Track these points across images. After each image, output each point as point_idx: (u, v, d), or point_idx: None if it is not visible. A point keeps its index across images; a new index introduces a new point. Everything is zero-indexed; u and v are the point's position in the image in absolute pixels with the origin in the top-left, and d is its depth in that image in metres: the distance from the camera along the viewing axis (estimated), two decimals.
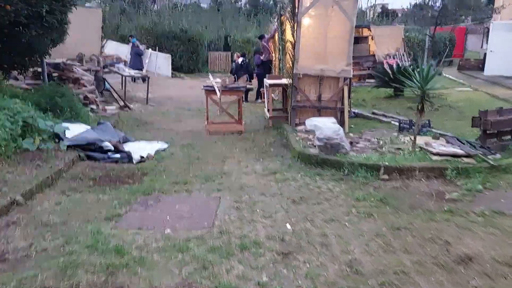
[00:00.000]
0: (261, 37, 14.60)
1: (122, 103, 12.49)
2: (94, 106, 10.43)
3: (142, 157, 6.99)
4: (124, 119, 10.66)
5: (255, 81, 15.00)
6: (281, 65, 12.13)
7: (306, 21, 8.99)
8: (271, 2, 40.86)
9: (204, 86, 9.28)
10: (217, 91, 8.82)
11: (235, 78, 15.88)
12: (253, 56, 17.20)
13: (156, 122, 10.73)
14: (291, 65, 9.29)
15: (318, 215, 4.70)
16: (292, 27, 9.17)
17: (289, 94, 10.05)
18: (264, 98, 14.35)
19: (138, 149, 7.57)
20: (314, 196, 5.29)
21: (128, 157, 6.83)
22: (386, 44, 17.94)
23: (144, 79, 13.72)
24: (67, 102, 8.13)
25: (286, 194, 5.34)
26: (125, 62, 19.95)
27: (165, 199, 5.16)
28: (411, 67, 13.75)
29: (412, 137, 7.99)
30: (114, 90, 13.26)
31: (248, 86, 9.63)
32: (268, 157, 7.30)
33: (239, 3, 43.23)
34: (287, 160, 7.04)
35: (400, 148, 7.15)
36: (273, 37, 14.22)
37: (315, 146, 7.32)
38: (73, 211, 4.71)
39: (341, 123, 9.32)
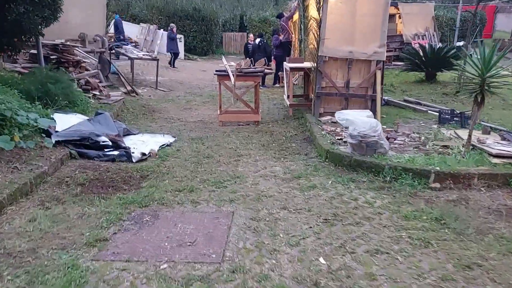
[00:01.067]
0: (279, 16, 13.32)
1: (129, 88, 11.48)
2: (96, 92, 9.42)
3: (143, 154, 5.96)
4: (129, 106, 9.64)
5: (273, 64, 13.80)
6: (302, 46, 10.90)
7: None
8: None
9: (216, 71, 8.16)
10: (231, 77, 7.69)
11: (251, 61, 14.79)
12: (271, 36, 15.94)
13: (164, 110, 9.69)
14: (315, 46, 8.08)
15: (359, 242, 3.61)
16: (318, 2, 7.91)
17: (312, 79, 8.87)
18: (282, 82, 13.19)
19: (141, 144, 6.55)
20: (351, 213, 4.18)
21: (127, 154, 5.81)
22: (414, 23, 16.47)
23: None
24: (61, 89, 7.12)
25: (315, 209, 4.25)
26: (136, 43, 18.90)
27: (165, 215, 4.13)
28: (446, 48, 12.37)
29: (458, 132, 6.80)
30: (120, 73, 12.24)
31: (266, 70, 8.46)
32: (289, 155, 6.20)
33: None
34: (312, 159, 5.93)
35: (447, 146, 5.97)
36: (292, 16, 12.93)
37: (345, 142, 6.19)
38: (48, 232, 3.71)
39: (372, 112, 8.14)
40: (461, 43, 17.58)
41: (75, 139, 5.85)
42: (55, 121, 6.09)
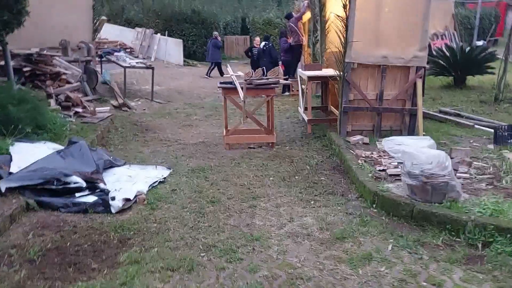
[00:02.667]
0: (288, 17, 11.76)
1: (121, 101, 9.94)
2: (79, 109, 7.88)
3: (127, 200, 4.40)
4: (118, 125, 8.09)
5: (280, 70, 12.23)
6: (319, 50, 9.34)
7: None
8: None
9: (220, 83, 6.60)
10: (240, 90, 6.14)
11: (254, 67, 13.18)
12: (276, 39, 14.38)
13: (160, 128, 8.13)
14: (341, 50, 6.52)
15: None
16: (344, 3, 6.36)
17: (332, 88, 7.33)
18: (292, 90, 11.64)
19: (126, 181, 5.00)
20: None
21: (104, 203, 4.26)
22: (432, 22, 14.85)
23: (149, 67, 11.08)
24: (27, 111, 5.58)
25: None
26: (130, 49, 17.39)
27: None
28: (478, 49, 10.81)
29: None
30: (110, 83, 10.72)
31: (283, 80, 6.90)
32: (320, 195, 4.64)
33: None
34: (353, 203, 4.37)
35: None
36: (302, 16, 11.37)
37: (391, 176, 4.63)
38: None
39: (411, 132, 6.59)
40: (480, 43, 16.05)
41: (35, 183, 4.30)
42: (10, 156, 4.54)
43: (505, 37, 24.67)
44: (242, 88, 6.23)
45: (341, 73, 6.50)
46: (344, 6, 6.33)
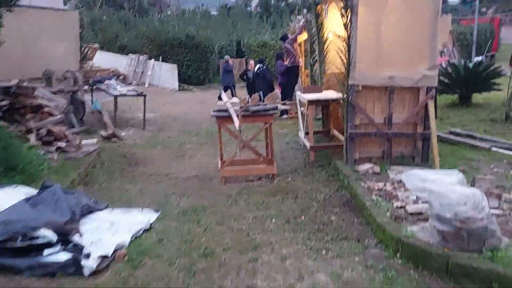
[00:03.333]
0: (283, 38, 11.24)
1: (111, 131, 9.28)
2: (62, 144, 7.20)
3: (104, 257, 3.68)
4: (105, 159, 7.40)
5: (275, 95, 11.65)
6: (317, 71, 8.76)
7: (365, 4, 5.60)
8: (283, 3, 37.56)
9: (214, 111, 5.95)
10: (235, 119, 5.48)
11: (250, 91, 12.58)
12: (272, 61, 13.88)
13: (150, 160, 7.45)
14: (344, 71, 5.91)
15: None
16: (344, 15, 5.79)
17: (340, 113, 6.70)
18: (291, 113, 11.02)
19: (107, 229, 4.29)
20: None
21: (75, 263, 3.54)
22: None
23: (141, 95, 10.46)
24: None
25: None
26: (124, 77, 16.86)
27: None
28: (483, 65, 10.27)
29: None
30: (100, 113, 10.11)
31: (282, 106, 6.25)
32: (332, 241, 3.93)
33: (249, 8, 39.97)
34: (372, 252, 3.66)
35: None
36: (298, 36, 10.85)
37: (412, 215, 3.94)
38: None
39: (425, 158, 5.93)
40: (479, 58, 15.58)
41: None
42: None
43: (501, 52, 24.37)
44: (237, 115, 5.59)
45: (345, 96, 5.87)
46: (345, 25, 5.74)
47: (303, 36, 10.77)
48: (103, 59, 17.26)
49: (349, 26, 5.69)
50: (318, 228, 4.23)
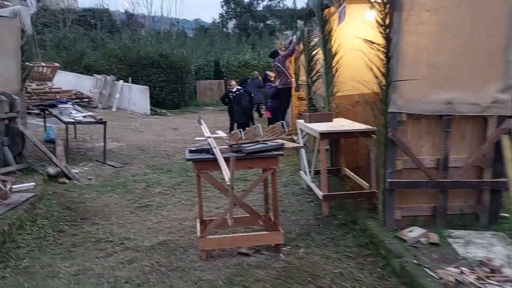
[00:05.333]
0: (273, 55, 9.42)
1: (58, 169, 7.09)
2: None
3: None
4: (42, 210, 5.25)
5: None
6: (316, 93, 6.93)
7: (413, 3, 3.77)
8: (261, 24, 36.24)
9: (190, 152, 3.88)
10: (225, 169, 3.46)
11: (233, 116, 10.69)
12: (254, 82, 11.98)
13: (103, 214, 5.32)
14: (379, 93, 4.01)
15: None
16: (382, 13, 3.92)
17: (354, 147, 4.81)
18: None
19: None
20: None
21: None
22: None
23: (100, 122, 8.28)
24: None
25: None
26: (88, 98, 14.64)
27: None
28: None
29: None
30: (54, 142, 7.96)
31: (290, 144, 4.24)
32: None
33: (226, 29, 38.47)
34: None
35: None
36: (291, 53, 9.06)
37: None
38: None
39: (494, 217, 4.06)
40: None
41: None
42: None
43: None
44: (225, 161, 3.57)
45: (383, 128, 3.97)
46: (385, 27, 3.87)
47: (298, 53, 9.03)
48: (65, 80, 15.04)
49: (389, 29, 3.83)
50: None
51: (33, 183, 6.17)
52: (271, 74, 9.77)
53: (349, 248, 3.97)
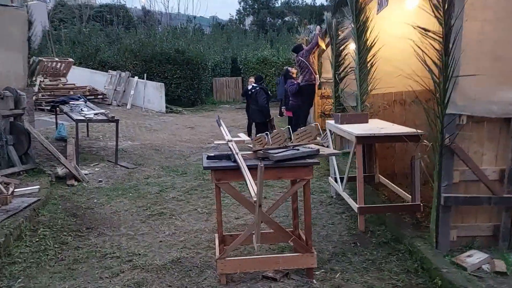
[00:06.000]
0: (296, 50, 8.77)
1: (69, 169, 6.62)
2: None
3: None
4: (44, 220, 4.77)
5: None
6: (344, 91, 6.28)
7: None
8: (279, 21, 35.53)
9: (208, 159, 3.30)
10: (250, 182, 2.86)
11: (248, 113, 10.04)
12: (278, 80, 11.32)
13: (112, 222, 4.81)
14: (438, 91, 3.35)
15: None
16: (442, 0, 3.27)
17: (390, 151, 4.17)
18: None
19: None
20: None
21: None
22: None
23: (112, 120, 7.79)
24: None
25: None
26: (103, 95, 14.25)
27: None
28: None
29: None
30: (66, 141, 7.53)
31: (327, 150, 3.62)
32: None
33: (243, 26, 37.82)
34: None
35: None
36: (316, 47, 8.42)
37: None
38: None
39: None
40: None
41: None
42: None
43: None
44: (250, 170, 2.98)
45: (438, 133, 3.31)
46: (443, 11, 3.21)
47: (322, 45, 8.39)
48: (79, 76, 14.68)
49: (448, 15, 3.18)
50: None
51: (38, 186, 5.71)
52: (293, 70, 9.13)
53: (395, 275, 3.34)
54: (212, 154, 3.31)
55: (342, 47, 6.95)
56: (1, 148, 6.20)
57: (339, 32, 7.00)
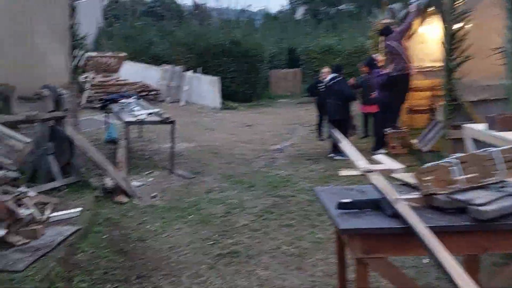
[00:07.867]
0: (385, 32, 7.03)
1: (117, 181, 5.42)
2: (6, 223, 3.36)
3: None
4: (82, 260, 3.55)
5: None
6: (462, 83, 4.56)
7: None
8: (332, 10, 33.27)
9: (340, 208, 1.81)
10: (436, 250, 1.33)
11: (322, 111, 8.56)
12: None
13: (169, 267, 3.49)
14: None
15: None
16: None
17: None
18: (393, 146, 6.81)
19: None
20: None
21: None
22: None
23: (166, 121, 6.54)
24: None
25: None
26: (155, 91, 13.24)
27: None
28: None
29: None
30: (117, 143, 6.46)
31: None
32: None
33: (296, 16, 35.88)
34: None
35: None
36: (409, 28, 6.68)
37: None
38: None
39: None
40: None
41: None
42: None
43: None
44: (438, 235, 1.46)
45: None
46: None
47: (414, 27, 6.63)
48: (131, 71, 13.80)
49: None
50: None
51: (80, 209, 4.50)
52: (379, 58, 7.44)
53: None
54: (347, 200, 1.80)
55: (458, 25, 5.20)
56: (39, 159, 5.10)
57: (455, 6, 5.24)
